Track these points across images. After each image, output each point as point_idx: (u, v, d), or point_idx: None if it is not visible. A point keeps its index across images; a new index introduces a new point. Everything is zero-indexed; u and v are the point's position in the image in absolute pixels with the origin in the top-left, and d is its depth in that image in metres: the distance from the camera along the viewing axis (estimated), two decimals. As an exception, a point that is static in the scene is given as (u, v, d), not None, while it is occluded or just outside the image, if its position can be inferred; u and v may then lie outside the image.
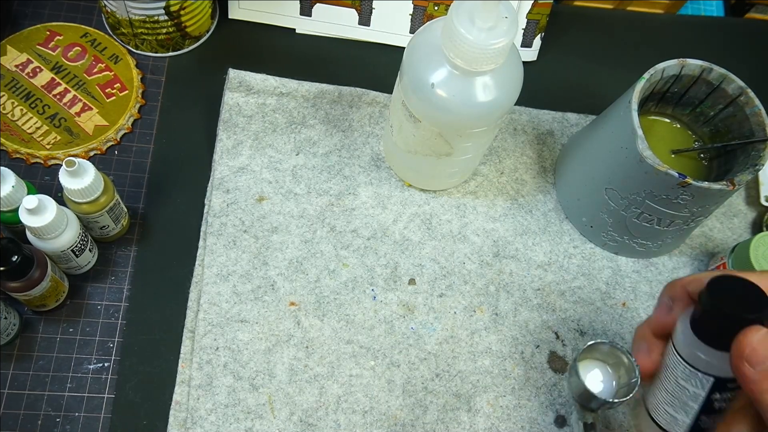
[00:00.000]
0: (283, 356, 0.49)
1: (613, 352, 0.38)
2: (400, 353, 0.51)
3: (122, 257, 0.52)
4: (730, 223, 0.61)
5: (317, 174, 0.56)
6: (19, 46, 0.56)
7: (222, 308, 0.50)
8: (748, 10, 0.74)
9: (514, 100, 0.46)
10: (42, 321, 0.49)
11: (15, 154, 0.53)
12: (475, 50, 0.41)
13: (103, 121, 0.55)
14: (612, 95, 0.55)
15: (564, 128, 0.62)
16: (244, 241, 0.52)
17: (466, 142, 0.49)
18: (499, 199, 0.58)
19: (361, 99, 0.59)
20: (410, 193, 0.57)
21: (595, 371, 0.39)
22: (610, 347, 0.38)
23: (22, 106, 0.54)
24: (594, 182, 0.53)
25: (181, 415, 0.47)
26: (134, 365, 0.48)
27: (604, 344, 0.38)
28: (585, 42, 0.67)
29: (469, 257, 0.55)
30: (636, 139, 0.48)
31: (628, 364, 0.38)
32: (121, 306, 0.50)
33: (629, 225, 0.53)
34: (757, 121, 0.50)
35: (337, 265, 0.53)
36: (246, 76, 0.57)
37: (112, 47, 0.58)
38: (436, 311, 0.53)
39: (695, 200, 0.49)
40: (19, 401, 0.46)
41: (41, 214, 0.43)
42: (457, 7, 0.41)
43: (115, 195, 0.48)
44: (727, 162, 0.53)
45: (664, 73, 0.51)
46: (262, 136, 0.56)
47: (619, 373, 0.39)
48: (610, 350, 0.38)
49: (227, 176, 0.54)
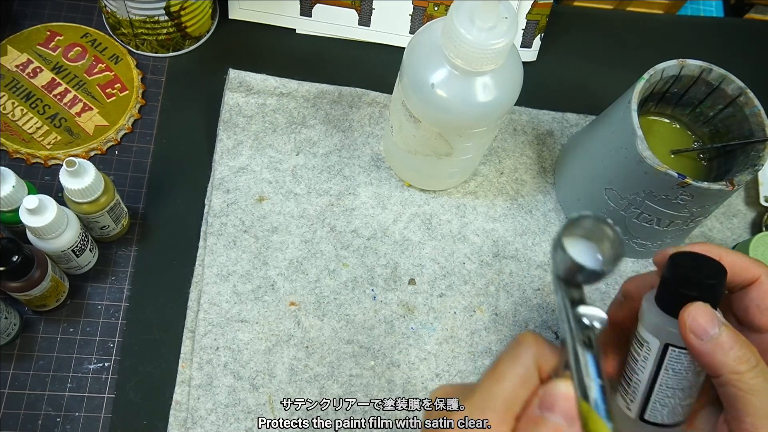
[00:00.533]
0: (283, 356, 0.49)
1: (598, 226, 0.37)
2: (400, 353, 0.51)
3: (122, 257, 0.52)
4: (730, 223, 0.61)
5: (317, 174, 0.56)
6: (19, 46, 0.56)
7: (222, 308, 0.50)
8: (748, 11, 0.74)
9: (514, 100, 0.46)
10: (42, 321, 0.49)
11: (15, 154, 0.53)
12: (475, 50, 0.41)
13: (104, 121, 0.55)
14: (612, 95, 0.55)
15: (564, 128, 0.62)
16: (244, 241, 0.52)
17: (466, 142, 0.49)
18: (499, 199, 0.58)
19: (361, 99, 0.59)
20: (410, 193, 0.57)
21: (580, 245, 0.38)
22: (594, 221, 0.37)
23: (22, 106, 0.54)
24: (594, 182, 0.53)
25: (182, 415, 0.47)
26: (134, 365, 0.48)
27: (587, 218, 0.36)
28: (585, 42, 0.67)
29: (469, 257, 0.55)
30: (636, 140, 0.48)
31: (612, 236, 0.37)
32: (122, 306, 0.50)
33: (629, 225, 0.53)
34: (757, 122, 0.50)
35: (337, 265, 0.53)
36: (246, 77, 0.57)
37: (113, 47, 0.58)
38: (436, 311, 0.53)
39: (695, 200, 0.49)
40: (19, 401, 0.46)
41: (41, 214, 0.43)
42: (457, 7, 0.41)
43: (115, 195, 0.48)
44: (726, 162, 0.53)
45: (664, 73, 0.51)
46: (262, 136, 0.56)
47: (603, 247, 0.38)
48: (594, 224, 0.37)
49: (227, 176, 0.54)
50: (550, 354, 0.33)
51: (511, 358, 0.33)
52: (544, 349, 0.33)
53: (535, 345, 0.33)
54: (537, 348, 0.33)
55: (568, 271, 0.35)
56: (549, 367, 0.33)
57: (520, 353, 0.33)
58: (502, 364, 0.33)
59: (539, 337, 0.33)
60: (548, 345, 0.33)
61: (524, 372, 0.32)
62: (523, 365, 0.32)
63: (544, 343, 0.33)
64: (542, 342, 0.33)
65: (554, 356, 0.33)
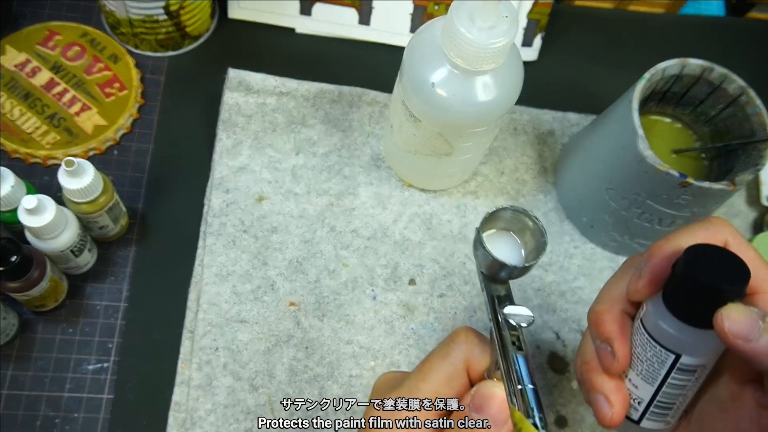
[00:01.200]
0: (282, 356, 0.49)
1: (516, 217, 0.37)
2: (400, 354, 0.51)
3: (121, 257, 0.52)
4: (731, 223, 0.60)
5: (317, 174, 0.56)
6: (18, 45, 0.56)
7: (221, 308, 0.50)
8: (749, 10, 0.73)
9: (514, 99, 0.46)
10: (41, 321, 0.49)
11: (14, 153, 0.53)
12: (475, 49, 0.41)
13: (103, 121, 0.55)
14: (613, 95, 0.55)
15: (565, 128, 0.62)
16: (243, 241, 0.52)
17: (467, 141, 0.49)
18: (499, 199, 0.58)
19: (361, 99, 0.59)
20: (410, 193, 0.56)
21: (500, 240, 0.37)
22: (513, 212, 0.36)
23: (21, 105, 0.54)
24: (595, 182, 0.53)
25: (181, 415, 0.47)
26: (133, 366, 0.48)
27: (506, 210, 0.36)
28: (586, 41, 0.67)
29: (470, 257, 0.55)
30: (637, 139, 0.48)
31: (533, 227, 0.36)
32: (121, 306, 0.50)
33: (630, 225, 0.53)
34: (758, 121, 0.50)
35: (337, 265, 0.53)
36: (246, 76, 0.57)
37: (112, 47, 0.58)
38: (436, 311, 0.53)
39: (696, 200, 0.48)
40: (18, 402, 0.46)
41: (40, 214, 0.43)
42: (458, 6, 0.41)
43: (114, 195, 0.48)
44: (728, 162, 0.53)
45: (665, 72, 0.51)
46: (261, 135, 0.56)
47: (525, 238, 0.38)
48: (513, 215, 0.36)
49: (227, 176, 0.54)
50: (482, 353, 0.32)
51: (440, 356, 0.33)
52: (476, 348, 0.32)
53: (467, 343, 0.32)
54: (468, 346, 0.32)
55: (490, 267, 0.35)
56: (480, 367, 0.32)
57: (450, 351, 0.33)
58: (431, 361, 0.33)
59: (472, 335, 0.33)
60: (481, 343, 0.33)
61: (451, 370, 0.32)
62: (451, 364, 0.32)
63: (477, 340, 0.33)
64: (474, 340, 0.33)
65: (486, 355, 0.32)
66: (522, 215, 0.36)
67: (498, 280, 0.35)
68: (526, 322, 0.32)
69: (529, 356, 0.31)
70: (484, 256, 0.34)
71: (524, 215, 0.35)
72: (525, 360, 0.31)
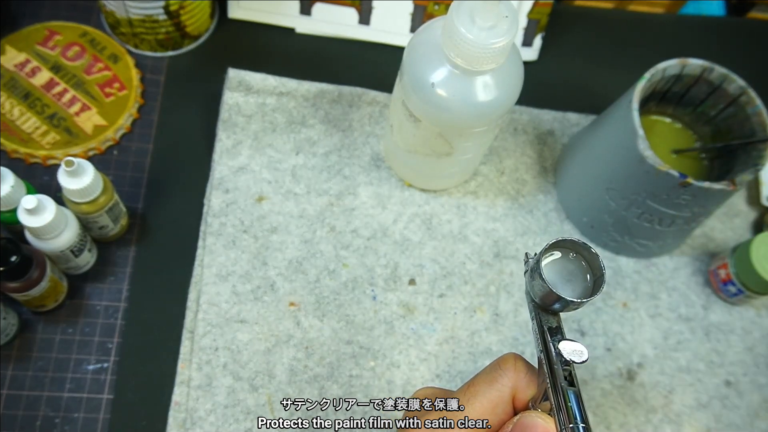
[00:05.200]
0: (282, 357, 0.49)
1: (575, 248, 0.36)
2: (400, 354, 0.51)
3: (121, 257, 0.52)
4: (731, 223, 0.61)
5: (317, 174, 0.56)
6: (18, 45, 0.56)
7: (221, 308, 0.50)
8: (749, 10, 0.73)
9: (514, 99, 0.46)
10: (41, 321, 0.49)
11: (14, 153, 0.53)
12: (475, 49, 0.41)
13: (102, 121, 0.55)
14: (613, 95, 0.55)
15: (565, 128, 0.62)
16: (243, 241, 0.52)
17: (467, 141, 0.49)
18: (499, 199, 0.58)
19: (361, 99, 0.59)
20: (410, 193, 0.56)
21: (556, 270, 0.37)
22: (572, 243, 0.35)
23: (20, 105, 0.54)
24: (595, 182, 0.53)
25: (181, 415, 0.47)
26: (133, 366, 0.48)
27: (566, 241, 0.35)
28: (586, 41, 0.67)
29: (470, 257, 0.55)
30: (637, 139, 0.48)
31: (591, 258, 0.36)
32: (120, 306, 0.50)
33: (630, 225, 0.53)
34: (759, 121, 0.50)
35: (337, 265, 0.53)
36: (245, 76, 0.57)
37: (111, 47, 0.58)
38: (436, 312, 0.53)
39: (696, 200, 0.48)
40: (18, 402, 0.46)
41: (40, 214, 0.43)
42: (458, 6, 0.41)
43: (114, 195, 0.48)
44: (728, 162, 0.53)
45: (665, 72, 0.51)
46: (261, 135, 0.56)
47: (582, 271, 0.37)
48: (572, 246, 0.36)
49: (227, 176, 0.54)
50: (529, 382, 0.32)
51: (487, 381, 0.32)
52: (523, 377, 0.32)
53: (515, 371, 0.32)
54: (516, 374, 0.32)
55: (544, 298, 0.34)
56: (525, 396, 0.32)
57: (498, 377, 0.32)
58: (477, 385, 0.32)
59: (521, 363, 0.33)
60: (528, 372, 0.32)
61: (498, 397, 0.32)
62: (499, 390, 0.32)
63: (525, 369, 0.32)
64: (523, 369, 0.32)
65: (532, 385, 0.32)
66: (581, 247, 0.35)
67: (550, 311, 0.35)
68: (580, 359, 0.32)
69: (580, 393, 0.31)
70: (541, 288, 0.34)
71: (583, 248, 0.35)
72: (577, 397, 0.30)
